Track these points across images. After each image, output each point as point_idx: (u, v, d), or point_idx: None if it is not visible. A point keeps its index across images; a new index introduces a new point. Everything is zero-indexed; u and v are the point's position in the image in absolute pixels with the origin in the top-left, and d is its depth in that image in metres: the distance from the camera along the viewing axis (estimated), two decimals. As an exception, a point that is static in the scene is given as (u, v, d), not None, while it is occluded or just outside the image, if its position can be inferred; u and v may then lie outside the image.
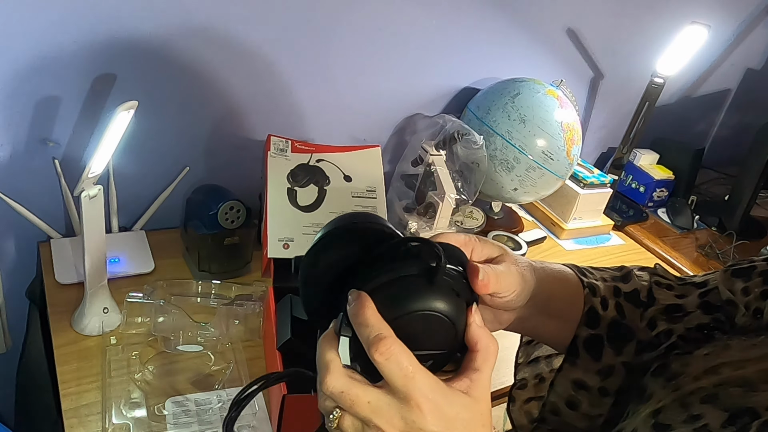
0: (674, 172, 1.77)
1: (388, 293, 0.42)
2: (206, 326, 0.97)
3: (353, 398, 0.40)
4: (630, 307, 0.55)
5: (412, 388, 0.40)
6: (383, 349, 0.39)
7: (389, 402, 0.40)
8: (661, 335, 0.53)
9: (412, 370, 0.40)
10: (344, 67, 1.26)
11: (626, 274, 0.58)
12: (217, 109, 1.17)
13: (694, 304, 0.53)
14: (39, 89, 0.99)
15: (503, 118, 1.30)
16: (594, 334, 0.55)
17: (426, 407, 0.40)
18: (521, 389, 0.63)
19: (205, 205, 1.07)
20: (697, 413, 0.38)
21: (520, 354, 0.65)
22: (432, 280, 0.42)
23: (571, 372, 0.56)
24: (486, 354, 0.43)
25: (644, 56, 1.64)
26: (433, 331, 0.42)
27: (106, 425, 0.81)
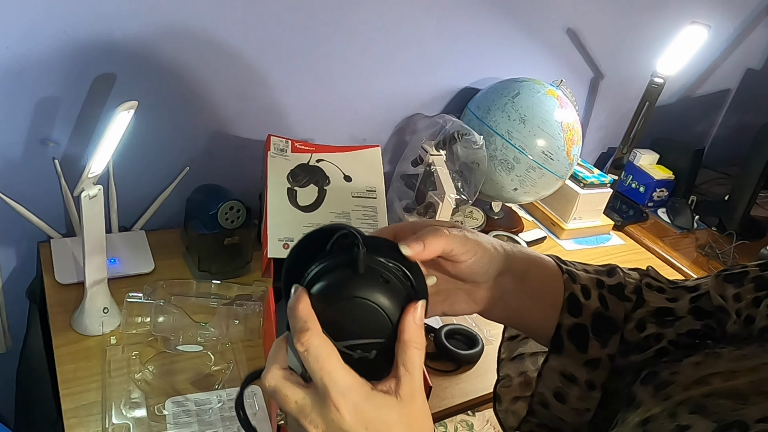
0: (674, 172, 1.77)
1: (319, 287, 0.43)
2: (206, 326, 0.97)
3: (283, 397, 0.41)
4: (614, 300, 0.54)
5: (330, 385, 0.40)
6: (303, 340, 0.40)
7: (312, 402, 0.41)
8: (651, 338, 0.52)
9: (330, 365, 0.40)
10: (344, 67, 1.26)
11: (611, 269, 0.57)
12: (217, 109, 1.17)
13: (684, 308, 0.52)
14: (39, 89, 0.99)
15: (503, 118, 1.30)
16: (578, 323, 0.53)
17: (344, 407, 0.40)
18: (506, 387, 0.62)
19: (205, 205, 1.07)
20: (685, 424, 0.37)
21: (502, 350, 0.64)
22: (356, 268, 0.42)
23: (558, 363, 0.55)
24: (412, 351, 0.42)
25: (644, 56, 1.64)
26: (367, 319, 0.42)
27: (106, 425, 0.81)
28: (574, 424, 0.56)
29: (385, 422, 0.40)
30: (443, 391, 0.99)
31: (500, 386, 0.63)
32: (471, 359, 1.04)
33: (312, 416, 0.40)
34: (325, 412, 0.40)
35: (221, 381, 0.91)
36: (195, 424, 0.84)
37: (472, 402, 1.00)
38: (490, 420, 1.10)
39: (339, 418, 0.40)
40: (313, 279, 0.43)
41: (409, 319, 0.42)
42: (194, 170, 1.19)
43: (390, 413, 0.41)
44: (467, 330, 1.09)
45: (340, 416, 0.40)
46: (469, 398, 0.99)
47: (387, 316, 0.42)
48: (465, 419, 1.05)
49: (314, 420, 0.40)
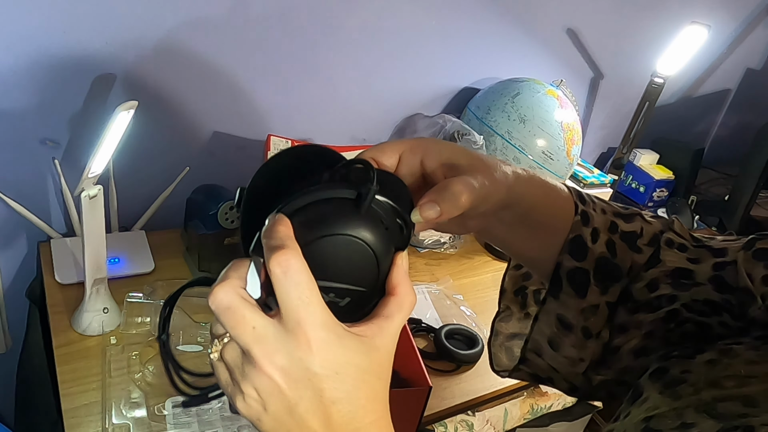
0: (674, 172, 1.77)
1: (308, 215, 0.37)
2: (206, 326, 0.97)
3: (238, 318, 0.35)
4: (623, 247, 0.49)
5: (305, 317, 0.34)
6: (282, 259, 0.34)
7: (276, 332, 0.34)
8: (663, 299, 0.48)
9: (309, 294, 0.34)
10: (344, 67, 1.26)
11: (632, 215, 0.51)
12: (217, 109, 1.17)
13: (706, 275, 0.47)
14: (39, 89, 0.99)
15: (503, 118, 1.30)
16: (580, 267, 0.49)
17: (315, 344, 0.34)
18: (505, 321, 0.59)
19: (205, 205, 1.07)
20: (690, 422, 0.37)
21: (506, 279, 0.59)
22: (359, 206, 0.37)
23: (555, 307, 0.51)
24: (401, 302, 0.38)
25: (644, 56, 1.64)
26: (354, 263, 0.37)
27: (106, 425, 0.81)
28: (566, 374, 0.53)
29: (359, 368, 0.36)
30: (443, 391, 0.99)
31: (499, 320, 0.59)
32: (471, 359, 1.04)
33: (272, 349, 0.34)
34: (291, 347, 0.34)
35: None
36: (195, 424, 0.84)
37: (472, 402, 1.00)
38: (490, 420, 1.10)
39: (308, 357, 0.34)
40: (296, 205, 0.37)
41: (400, 268, 0.38)
42: (194, 170, 1.19)
43: (364, 360, 0.36)
44: (467, 330, 1.09)
45: (311, 354, 0.34)
46: (469, 398, 0.99)
47: (377, 265, 0.38)
48: (465, 419, 1.05)
49: (274, 354, 0.34)
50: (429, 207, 0.39)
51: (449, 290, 1.23)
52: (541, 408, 1.20)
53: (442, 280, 1.25)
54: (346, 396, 0.36)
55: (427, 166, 0.44)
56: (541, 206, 0.48)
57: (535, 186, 0.47)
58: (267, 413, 0.36)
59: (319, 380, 0.35)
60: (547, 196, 0.49)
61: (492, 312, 0.60)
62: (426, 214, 0.39)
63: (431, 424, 0.98)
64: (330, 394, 0.35)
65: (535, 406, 1.19)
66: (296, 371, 0.35)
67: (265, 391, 0.35)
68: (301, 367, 0.34)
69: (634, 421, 0.40)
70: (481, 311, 1.18)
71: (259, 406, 0.36)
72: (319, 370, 0.35)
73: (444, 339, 1.05)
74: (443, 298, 1.20)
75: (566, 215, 0.49)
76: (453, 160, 0.43)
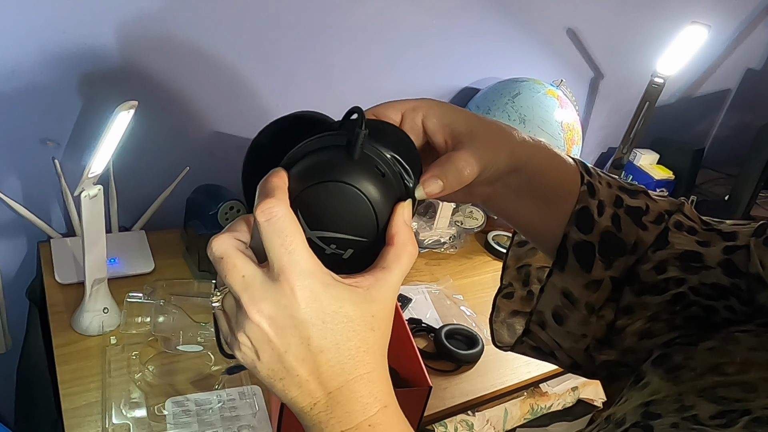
0: (674, 172, 1.77)
1: (303, 165, 0.37)
2: (206, 326, 0.96)
3: (230, 267, 0.35)
4: (628, 221, 0.49)
5: (289, 265, 0.34)
6: (265, 208, 0.34)
7: (263, 281, 0.35)
8: (670, 281, 0.47)
9: (292, 242, 0.34)
10: (344, 67, 1.26)
11: (636, 191, 0.51)
12: (217, 109, 1.17)
13: (715, 258, 0.46)
14: (39, 89, 0.99)
15: (503, 118, 1.30)
16: (585, 240, 0.49)
17: (300, 292, 0.34)
18: (507, 298, 0.58)
19: (205, 205, 1.07)
20: (689, 404, 0.37)
21: (509, 255, 0.59)
22: (351, 153, 0.36)
23: (560, 279, 0.51)
24: (398, 253, 0.37)
25: (644, 56, 1.64)
26: (351, 212, 0.37)
27: (106, 425, 0.81)
28: (568, 349, 0.53)
29: (348, 318, 0.35)
30: (443, 391, 0.99)
31: (501, 296, 0.58)
32: (471, 359, 1.04)
33: (258, 296, 0.34)
34: (277, 296, 0.34)
35: (221, 381, 0.91)
36: (195, 424, 0.84)
37: (472, 402, 1.00)
38: (490, 420, 1.10)
39: (293, 304, 0.34)
40: (294, 158, 0.37)
41: (399, 217, 0.38)
42: (194, 170, 1.19)
43: (353, 309, 0.35)
44: (467, 330, 1.09)
45: (295, 302, 0.34)
46: (469, 398, 0.99)
47: (375, 214, 0.37)
48: (465, 419, 1.05)
49: (260, 302, 0.34)
50: (432, 182, 0.39)
51: (449, 290, 1.23)
52: (541, 408, 1.20)
53: (442, 280, 1.25)
54: (333, 345, 0.35)
55: (428, 127, 0.44)
56: (547, 171, 0.48)
57: (540, 151, 0.47)
58: (260, 361, 0.36)
59: (306, 328, 0.35)
60: (553, 163, 0.48)
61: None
62: (429, 189, 0.39)
63: (431, 424, 0.98)
64: (317, 342, 0.35)
65: (535, 406, 1.19)
66: (282, 319, 0.35)
67: (255, 339, 0.35)
68: (287, 315, 0.34)
69: (633, 405, 0.40)
70: (481, 311, 1.18)
71: (252, 354, 0.36)
72: (306, 318, 0.34)
73: (444, 339, 1.05)
74: (443, 298, 1.20)
75: (572, 185, 0.49)
76: (454, 124, 0.43)
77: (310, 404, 0.36)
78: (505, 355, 0.62)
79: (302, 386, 0.36)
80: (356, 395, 0.36)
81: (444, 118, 0.43)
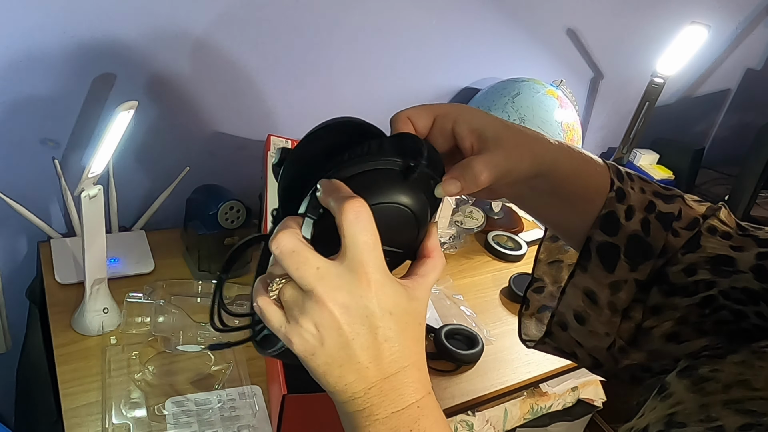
0: (674, 172, 1.77)
1: (365, 181, 0.40)
2: (206, 326, 0.97)
3: (303, 260, 0.37)
4: (657, 226, 0.49)
5: (369, 259, 0.37)
6: (356, 206, 0.37)
7: (339, 272, 0.38)
8: (700, 284, 0.47)
9: (374, 240, 0.38)
10: (344, 67, 1.26)
11: (673, 195, 0.51)
12: (217, 109, 1.17)
13: (748, 263, 0.46)
14: (39, 89, 0.99)
15: (503, 118, 1.30)
16: (610, 241, 0.50)
17: (375, 284, 0.38)
18: (537, 293, 0.59)
19: (205, 205, 1.07)
20: (715, 416, 0.37)
21: (541, 249, 0.60)
22: (407, 177, 0.40)
23: (582, 279, 0.52)
24: (435, 264, 0.43)
25: (644, 56, 1.64)
26: (399, 228, 0.41)
27: (106, 425, 0.81)
28: (591, 349, 0.54)
29: (406, 312, 0.40)
30: (443, 391, 0.99)
31: (531, 290, 0.60)
32: (471, 359, 1.04)
33: (334, 286, 0.37)
34: (353, 286, 0.37)
35: (221, 381, 0.91)
36: (195, 424, 0.84)
37: (472, 402, 1.00)
38: (490, 420, 1.10)
39: (368, 295, 0.38)
40: (359, 175, 0.41)
41: (435, 236, 0.43)
42: (194, 170, 1.19)
43: (409, 305, 0.40)
44: (467, 330, 1.09)
45: (370, 293, 0.38)
46: (469, 398, 0.99)
47: (417, 231, 0.42)
48: (465, 419, 1.05)
49: (336, 291, 0.37)
50: (450, 183, 0.43)
51: (449, 290, 1.23)
52: (541, 408, 1.20)
53: (442, 280, 1.25)
54: (396, 336, 0.39)
55: (457, 132, 0.46)
56: (574, 177, 0.49)
57: (566, 156, 0.48)
58: (323, 347, 0.38)
59: (375, 318, 0.38)
60: (581, 168, 0.49)
61: (492, 312, 0.60)
62: (448, 189, 0.42)
63: (431, 424, 0.98)
64: (383, 332, 0.39)
65: (535, 406, 1.19)
66: (355, 308, 0.38)
67: (324, 326, 0.38)
68: (360, 305, 0.38)
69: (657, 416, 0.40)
70: (481, 311, 1.18)
71: (315, 341, 0.38)
72: (376, 309, 0.38)
73: (444, 339, 1.05)
74: (443, 298, 1.20)
75: (601, 190, 0.50)
76: (481, 130, 0.46)
77: (365, 389, 0.39)
78: (505, 355, 0.62)
79: (360, 372, 0.39)
80: (409, 380, 0.40)
81: (473, 124, 0.46)
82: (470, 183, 0.43)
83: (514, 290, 1.23)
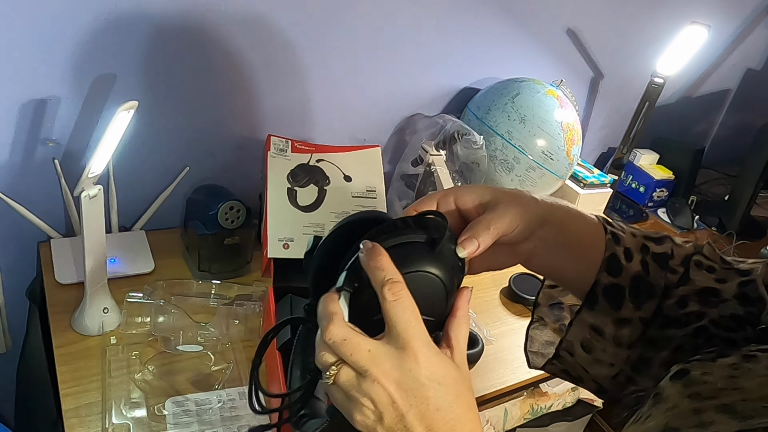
0: (674, 172, 1.77)
1: (396, 253, 0.43)
2: (206, 326, 0.97)
3: (354, 346, 0.41)
4: (656, 267, 0.53)
5: (413, 336, 0.41)
6: (396, 290, 0.41)
7: (387, 351, 0.41)
8: (692, 315, 0.51)
9: (416, 318, 0.41)
10: (344, 67, 1.26)
11: (662, 237, 0.56)
12: (217, 109, 1.17)
13: (731, 292, 0.51)
14: (39, 89, 0.99)
15: (503, 118, 1.30)
16: (615, 283, 0.53)
17: (422, 357, 0.41)
18: (539, 330, 0.63)
19: (205, 205, 1.07)
20: (708, 420, 0.37)
21: (540, 296, 0.64)
22: (434, 249, 0.44)
23: (588, 316, 0.55)
24: (465, 327, 0.46)
25: (644, 56, 1.64)
26: (429, 297, 0.44)
27: (106, 425, 0.81)
28: (596, 375, 0.56)
29: (454, 379, 0.42)
30: (443, 391, 0.99)
31: (533, 328, 0.63)
32: (471, 359, 1.04)
33: (387, 366, 0.41)
34: (402, 362, 0.41)
35: (221, 381, 0.91)
36: (195, 424, 0.84)
37: (472, 402, 1.00)
38: (490, 420, 1.10)
39: (416, 368, 0.41)
40: (390, 249, 0.44)
41: (464, 299, 0.46)
42: (194, 170, 1.19)
43: (454, 373, 0.43)
44: (467, 330, 1.09)
45: (418, 366, 0.41)
46: (469, 398, 0.99)
47: (446, 298, 0.45)
48: (465, 419, 1.05)
49: (389, 369, 0.41)
50: (469, 242, 0.47)
51: (449, 290, 1.23)
52: (541, 408, 1.20)
53: (442, 280, 1.25)
54: (447, 405, 0.42)
55: (461, 205, 0.52)
56: (572, 222, 0.54)
57: (559, 208, 0.54)
58: (383, 422, 0.41)
59: (426, 389, 0.41)
60: (573, 215, 0.55)
61: (492, 312, 0.61)
62: (467, 247, 0.47)
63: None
64: (435, 402, 0.41)
65: (535, 406, 1.19)
66: (407, 382, 0.41)
67: (380, 402, 0.41)
68: (411, 378, 0.41)
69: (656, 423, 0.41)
70: (481, 311, 1.18)
71: (375, 416, 0.41)
72: (426, 381, 0.41)
73: (444, 339, 1.05)
74: (443, 298, 1.20)
75: (597, 235, 0.54)
76: (481, 197, 0.52)
77: None
78: (505, 355, 0.62)
79: None
80: None
81: (472, 194, 0.52)
82: (485, 236, 0.47)
83: (514, 290, 1.23)
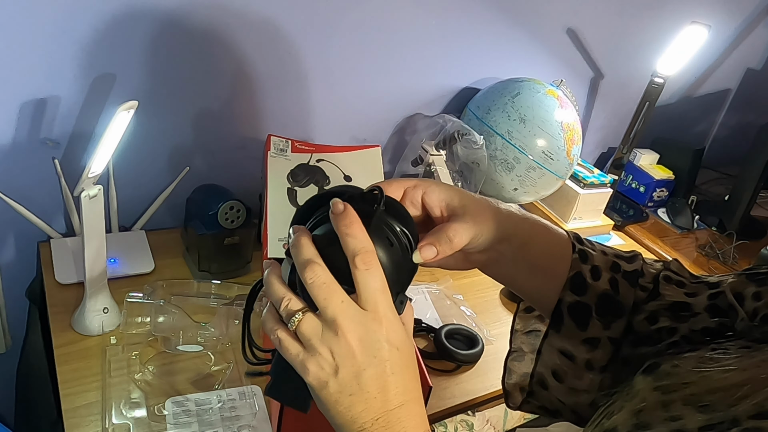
0: (674, 172, 1.77)
1: (325, 226, 0.45)
2: (206, 326, 0.97)
3: (331, 292, 0.42)
4: (625, 285, 0.53)
5: (381, 301, 0.43)
6: (367, 258, 0.42)
7: (357, 308, 0.43)
8: (663, 331, 0.51)
9: (384, 286, 0.43)
10: (344, 67, 1.26)
11: (633, 256, 0.56)
12: (217, 109, 1.17)
13: (702, 305, 0.50)
14: (39, 89, 0.99)
15: (503, 118, 1.30)
16: (581, 301, 0.53)
17: (386, 322, 0.43)
18: (518, 361, 0.62)
19: (205, 205, 1.07)
20: (677, 414, 0.37)
21: (517, 321, 0.64)
22: (368, 222, 0.44)
23: (556, 340, 0.54)
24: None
25: (644, 56, 1.64)
26: None
27: (106, 425, 0.81)
28: (572, 405, 0.56)
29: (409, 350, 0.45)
30: (443, 391, 0.99)
31: (511, 359, 0.62)
32: (471, 359, 1.04)
33: (354, 320, 0.42)
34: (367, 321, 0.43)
35: (221, 381, 0.91)
36: (195, 424, 0.84)
37: (472, 402, 1.00)
38: (490, 420, 1.10)
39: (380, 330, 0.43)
40: (319, 221, 0.46)
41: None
42: (194, 170, 1.19)
43: (408, 342, 0.45)
44: (467, 330, 1.09)
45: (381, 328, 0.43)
46: (469, 398, 0.99)
47: None
48: (465, 419, 1.05)
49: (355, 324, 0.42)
50: (427, 249, 0.47)
51: (449, 290, 1.23)
52: (541, 408, 1.20)
53: (442, 280, 1.25)
54: (400, 371, 0.43)
55: (427, 202, 0.51)
56: (536, 241, 0.53)
57: (527, 223, 0.53)
58: (336, 377, 0.42)
59: (386, 352, 0.43)
60: (542, 234, 0.54)
61: (492, 312, 0.61)
62: (425, 255, 0.47)
63: (431, 424, 0.98)
64: (391, 366, 0.43)
65: (535, 406, 1.18)
66: (370, 341, 0.42)
67: (340, 355, 0.42)
68: (374, 339, 0.42)
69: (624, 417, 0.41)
70: (481, 311, 1.18)
71: (330, 369, 0.42)
72: (386, 344, 0.43)
73: (444, 339, 1.05)
74: (443, 298, 1.20)
75: (564, 253, 0.54)
76: (449, 200, 0.51)
77: (372, 419, 0.43)
78: (503, 356, 0.62)
79: (368, 402, 0.43)
80: (411, 413, 0.44)
81: (441, 195, 0.51)
82: (445, 246, 0.47)
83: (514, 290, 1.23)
